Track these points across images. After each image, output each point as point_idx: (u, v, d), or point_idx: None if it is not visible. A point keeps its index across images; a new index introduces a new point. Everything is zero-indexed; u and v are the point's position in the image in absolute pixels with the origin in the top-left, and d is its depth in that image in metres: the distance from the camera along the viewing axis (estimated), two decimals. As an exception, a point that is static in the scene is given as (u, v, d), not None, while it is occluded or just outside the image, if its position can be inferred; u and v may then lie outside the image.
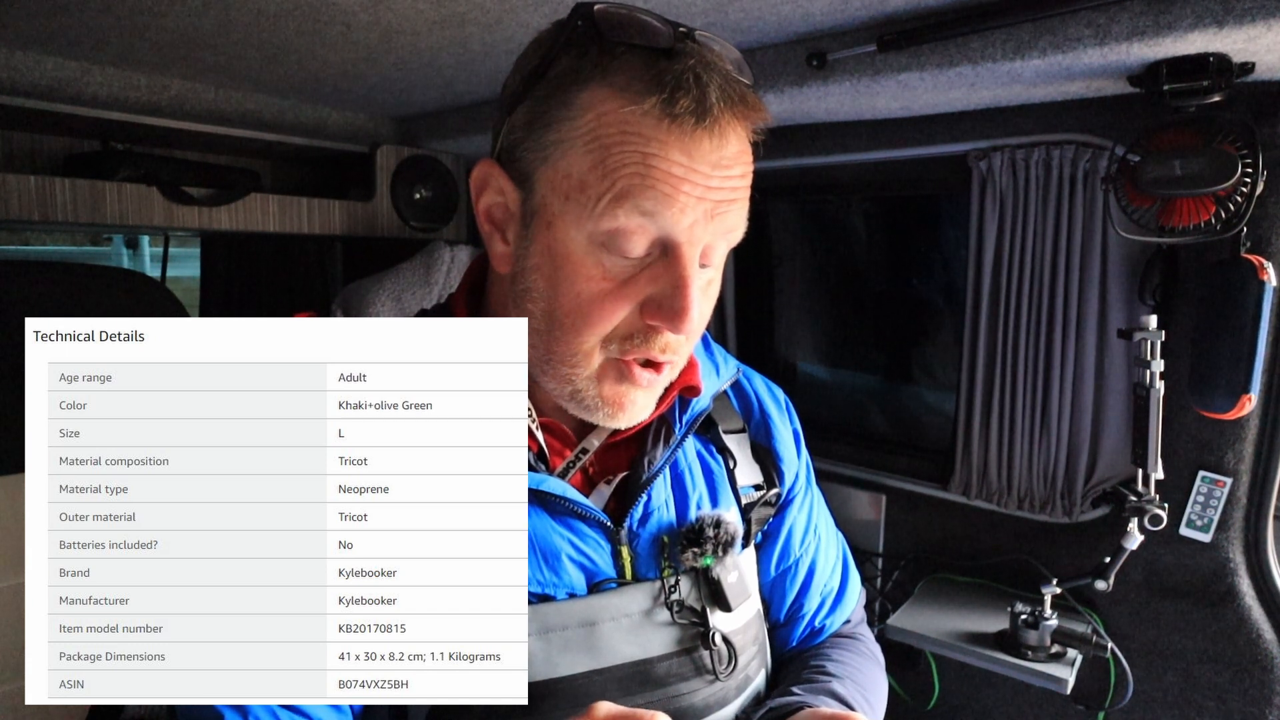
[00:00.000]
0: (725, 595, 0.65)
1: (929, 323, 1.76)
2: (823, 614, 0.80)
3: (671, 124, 0.52)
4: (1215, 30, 0.83)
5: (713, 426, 0.74)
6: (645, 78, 0.53)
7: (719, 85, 0.53)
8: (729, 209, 0.56)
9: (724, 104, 0.53)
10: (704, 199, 0.54)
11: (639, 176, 0.52)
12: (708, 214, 0.55)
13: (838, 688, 0.69)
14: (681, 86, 0.52)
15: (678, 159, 0.53)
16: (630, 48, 0.54)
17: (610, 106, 0.53)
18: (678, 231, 0.54)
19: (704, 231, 0.56)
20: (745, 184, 0.58)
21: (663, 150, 0.52)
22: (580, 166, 0.54)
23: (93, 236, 6.15)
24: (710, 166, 0.54)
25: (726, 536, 0.65)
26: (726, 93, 0.54)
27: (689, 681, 0.63)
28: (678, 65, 0.53)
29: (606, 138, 0.53)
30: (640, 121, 0.52)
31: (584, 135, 0.54)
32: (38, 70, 1.22)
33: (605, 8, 0.55)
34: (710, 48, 0.56)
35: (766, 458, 0.76)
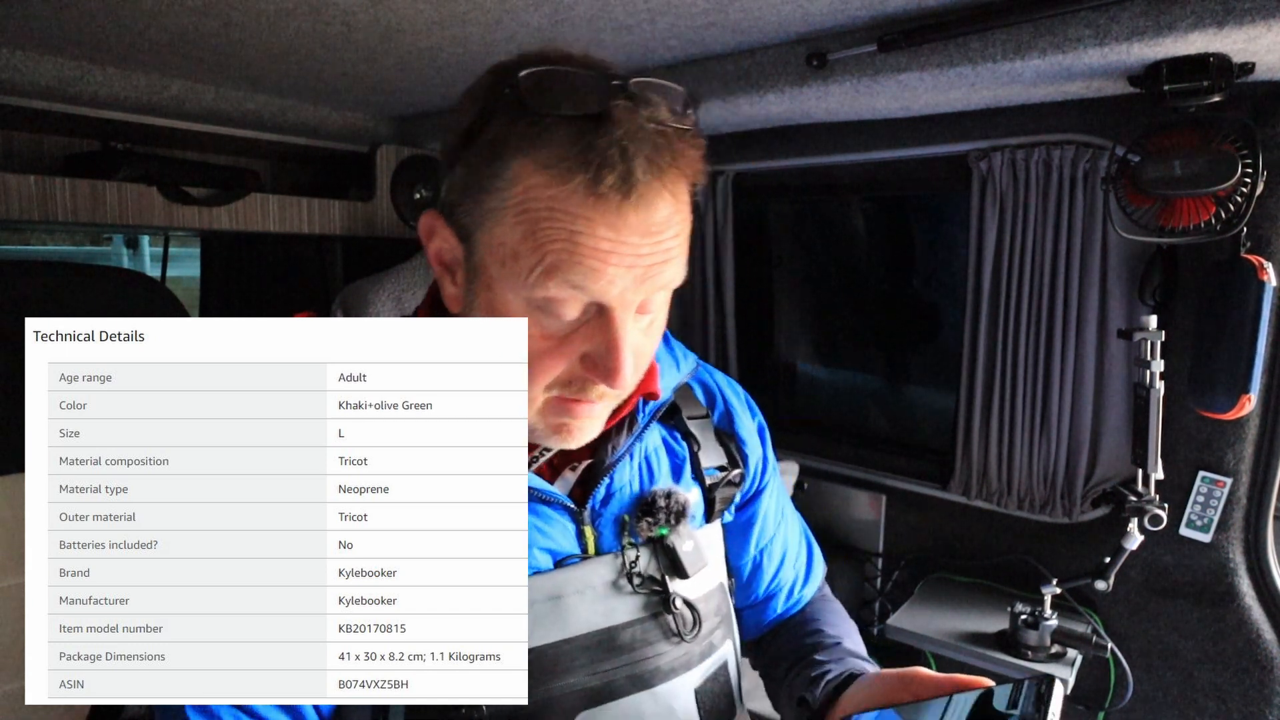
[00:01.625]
0: (681, 563, 0.69)
1: (929, 323, 1.76)
2: (799, 587, 0.88)
3: (597, 201, 0.53)
4: (1215, 30, 0.83)
5: (676, 413, 0.77)
6: (571, 154, 0.53)
7: (646, 156, 0.53)
8: (663, 269, 0.57)
9: (651, 175, 0.54)
10: (634, 266, 0.55)
11: (567, 252, 0.54)
12: (639, 279, 0.56)
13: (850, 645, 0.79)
14: (607, 164, 0.52)
15: (604, 234, 0.54)
16: (559, 118, 0.54)
17: (537, 181, 0.54)
18: (609, 299, 0.56)
19: (636, 293, 0.57)
20: (679, 241, 0.58)
21: (589, 227, 0.53)
22: (512, 237, 0.56)
23: (93, 236, 6.15)
24: (639, 236, 0.55)
25: (678, 506, 0.70)
26: (654, 162, 0.54)
27: (654, 645, 0.67)
28: (604, 139, 0.52)
29: (535, 212, 0.54)
30: (567, 199, 0.53)
31: (514, 207, 0.55)
32: (38, 70, 1.22)
33: (532, 75, 0.54)
34: (647, 99, 0.55)
35: (729, 441, 0.80)
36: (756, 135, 1.51)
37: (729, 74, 1.22)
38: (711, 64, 1.24)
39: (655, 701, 0.66)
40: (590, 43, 1.16)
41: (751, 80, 1.20)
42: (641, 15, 1.03)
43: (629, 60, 1.26)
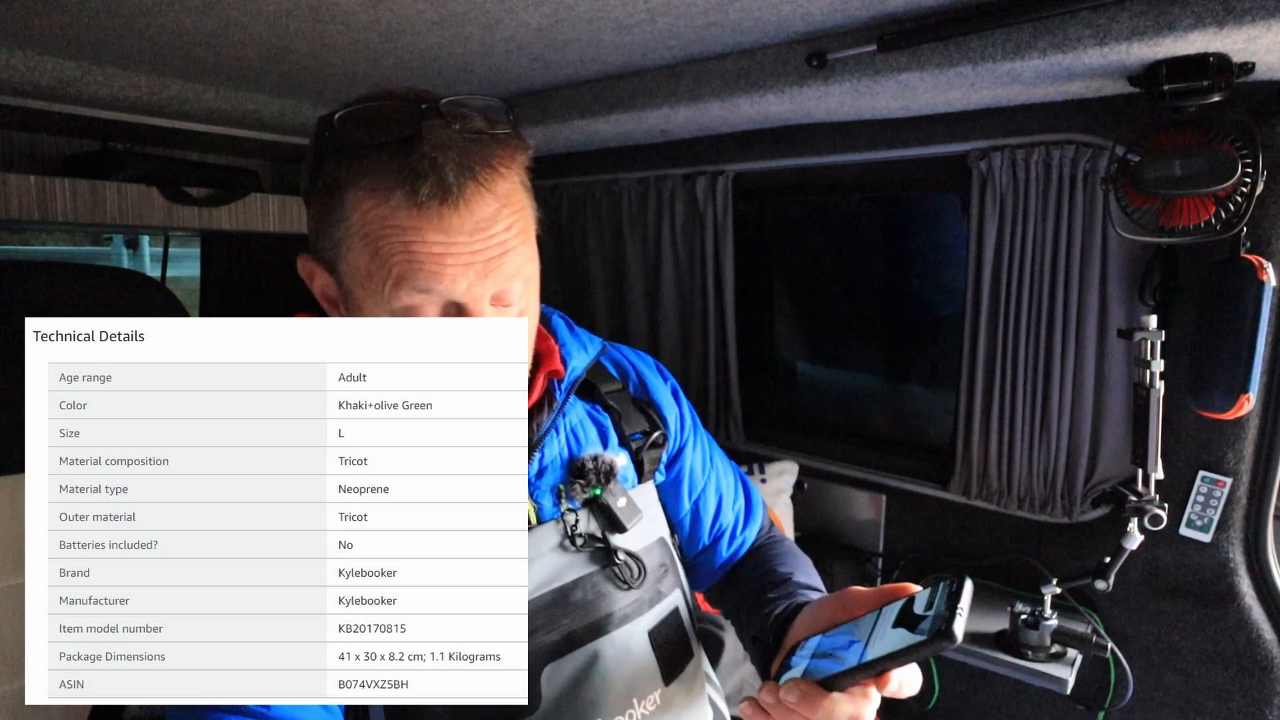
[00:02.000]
0: (618, 517, 0.76)
1: (929, 323, 1.76)
2: (740, 529, 0.94)
3: (420, 211, 0.59)
4: (1215, 30, 0.83)
5: (594, 390, 0.85)
6: (390, 173, 0.59)
7: (456, 162, 0.59)
8: (501, 261, 0.62)
9: (465, 177, 0.59)
10: (471, 263, 0.61)
11: (406, 262, 0.60)
12: (480, 274, 0.61)
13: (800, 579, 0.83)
14: (420, 175, 0.58)
15: (435, 239, 0.59)
16: (374, 147, 0.60)
17: (367, 206, 0.60)
18: (457, 296, 0.61)
19: (483, 286, 0.62)
20: (514, 233, 0.63)
21: (419, 235, 0.59)
22: (361, 260, 0.62)
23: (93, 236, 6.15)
24: (468, 234, 0.60)
25: (605, 466, 0.78)
26: (466, 166, 0.59)
27: (606, 596, 0.74)
28: (414, 155, 0.59)
29: (373, 233, 0.61)
30: (394, 214, 0.59)
31: (357, 234, 0.62)
32: (38, 70, 1.22)
33: (345, 115, 0.62)
34: (458, 114, 0.62)
35: (647, 407, 0.88)
36: (756, 135, 1.51)
37: (729, 74, 1.22)
38: (711, 64, 1.24)
39: (613, 645, 0.73)
40: (590, 43, 1.16)
41: (751, 80, 1.20)
42: (641, 15, 1.03)
43: (629, 60, 1.26)
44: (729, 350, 1.71)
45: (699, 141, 1.60)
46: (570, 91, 1.44)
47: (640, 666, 0.74)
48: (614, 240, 1.83)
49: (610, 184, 1.79)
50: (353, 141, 0.61)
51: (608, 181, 1.79)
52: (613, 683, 0.71)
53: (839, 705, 0.55)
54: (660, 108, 1.32)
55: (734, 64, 1.22)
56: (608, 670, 0.71)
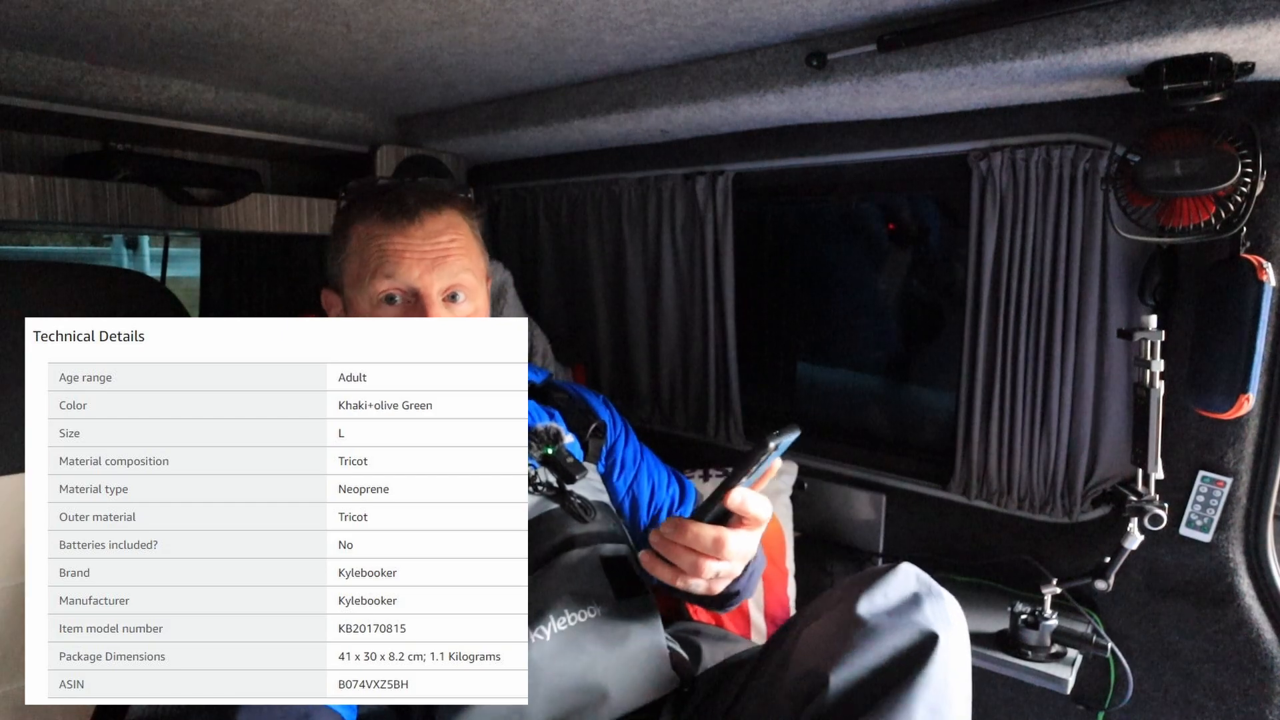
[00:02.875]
0: (566, 468, 0.99)
1: (929, 323, 1.76)
2: (675, 507, 1.19)
3: (390, 224, 0.93)
4: (1215, 30, 0.83)
5: (548, 395, 1.15)
6: (374, 207, 0.95)
7: (417, 196, 0.95)
8: (447, 259, 0.93)
9: (423, 205, 0.94)
10: (423, 258, 0.91)
11: (379, 257, 0.92)
12: (429, 268, 0.91)
13: None
14: (394, 203, 0.94)
15: (398, 240, 0.92)
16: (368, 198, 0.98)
17: (360, 229, 0.95)
18: (413, 280, 0.91)
19: (434, 278, 0.91)
20: (457, 245, 0.94)
21: (388, 240, 0.92)
22: (354, 265, 0.95)
23: (93, 236, 6.15)
24: (421, 239, 0.92)
25: (553, 432, 1.03)
26: (424, 198, 0.95)
27: (566, 526, 0.94)
28: (390, 194, 0.96)
29: (362, 245, 0.94)
30: (374, 229, 0.93)
31: (354, 249, 0.95)
32: (38, 70, 1.22)
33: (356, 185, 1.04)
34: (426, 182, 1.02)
35: (586, 407, 1.16)
36: (756, 135, 1.51)
37: (729, 74, 1.22)
38: (711, 64, 1.24)
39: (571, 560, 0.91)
40: (590, 43, 1.16)
41: (751, 80, 1.20)
42: (641, 15, 1.03)
43: (629, 60, 1.26)
44: (729, 350, 1.71)
45: (699, 141, 1.60)
46: (570, 91, 1.44)
47: (595, 581, 0.91)
48: (614, 240, 1.83)
49: (610, 184, 1.79)
50: (356, 194, 1.01)
51: (608, 181, 1.79)
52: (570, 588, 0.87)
53: (703, 529, 0.70)
54: (660, 108, 1.32)
55: (734, 64, 1.22)
56: (566, 578, 0.88)
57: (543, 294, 2.03)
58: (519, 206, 2.04)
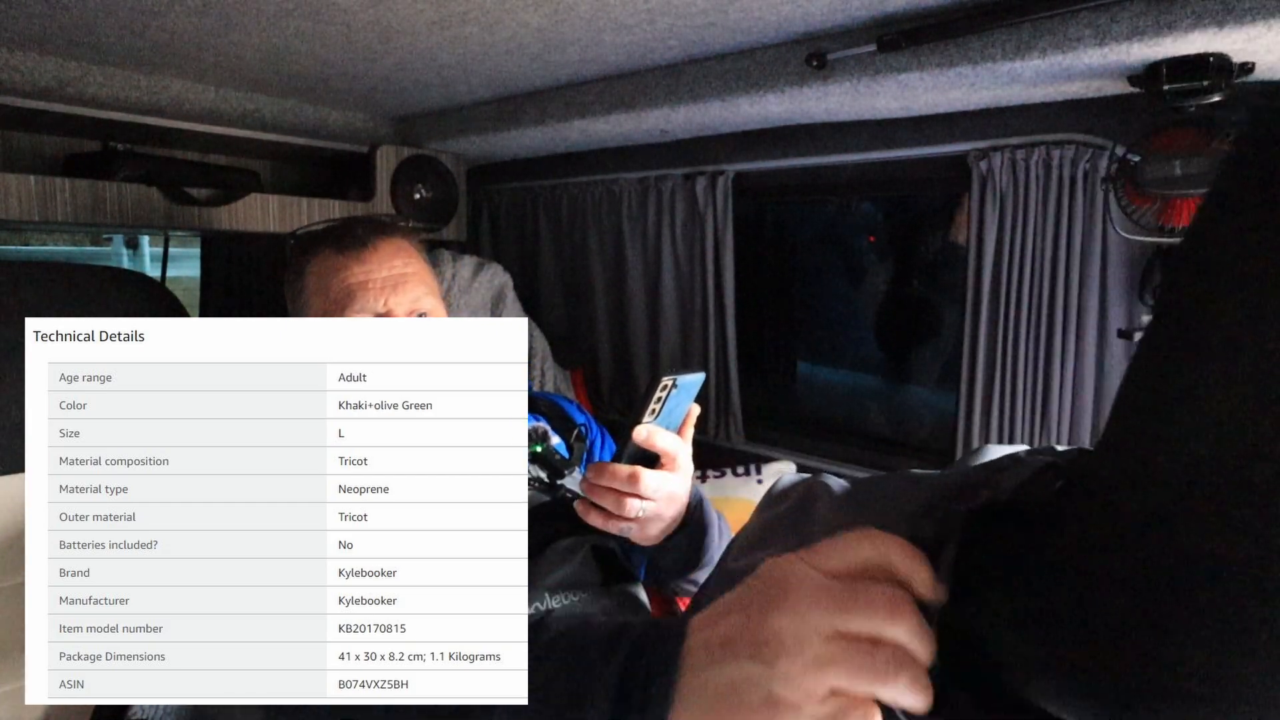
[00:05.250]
0: (557, 465, 1.01)
1: (929, 323, 1.76)
2: None
3: (344, 255, 1.00)
4: (1215, 30, 0.83)
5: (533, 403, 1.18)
6: (325, 243, 1.02)
7: (366, 227, 1.03)
8: (403, 284, 0.99)
9: (374, 234, 1.02)
10: (385, 284, 0.98)
11: (341, 290, 0.98)
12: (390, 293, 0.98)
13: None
14: (344, 237, 1.01)
15: (357, 270, 0.99)
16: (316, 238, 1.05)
17: (316, 266, 1.02)
18: (379, 306, 0.98)
19: (399, 300, 0.98)
20: (411, 271, 1.01)
21: (345, 270, 0.99)
22: (320, 301, 1.00)
23: (93, 236, 6.15)
24: (375, 266, 0.99)
25: (541, 430, 1.05)
26: (373, 229, 1.03)
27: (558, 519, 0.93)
28: (338, 229, 1.04)
29: (322, 282, 1.00)
30: (331, 263, 1.00)
31: (315, 289, 1.01)
32: (38, 70, 1.22)
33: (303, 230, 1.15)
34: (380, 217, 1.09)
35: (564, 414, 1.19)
36: (756, 135, 1.51)
37: (729, 74, 1.22)
38: (711, 64, 1.24)
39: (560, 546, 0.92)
40: (590, 43, 1.16)
41: (751, 80, 1.20)
42: (641, 15, 1.03)
43: (629, 60, 1.26)
44: (729, 350, 1.71)
45: (699, 141, 1.60)
46: (570, 91, 1.44)
47: (584, 568, 0.93)
48: (614, 240, 1.83)
49: (610, 184, 1.79)
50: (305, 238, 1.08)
51: (608, 181, 1.79)
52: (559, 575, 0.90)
53: (619, 468, 0.77)
54: (660, 108, 1.32)
55: (734, 64, 1.22)
56: (555, 563, 0.90)
57: (542, 294, 2.03)
58: (519, 207, 2.04)
